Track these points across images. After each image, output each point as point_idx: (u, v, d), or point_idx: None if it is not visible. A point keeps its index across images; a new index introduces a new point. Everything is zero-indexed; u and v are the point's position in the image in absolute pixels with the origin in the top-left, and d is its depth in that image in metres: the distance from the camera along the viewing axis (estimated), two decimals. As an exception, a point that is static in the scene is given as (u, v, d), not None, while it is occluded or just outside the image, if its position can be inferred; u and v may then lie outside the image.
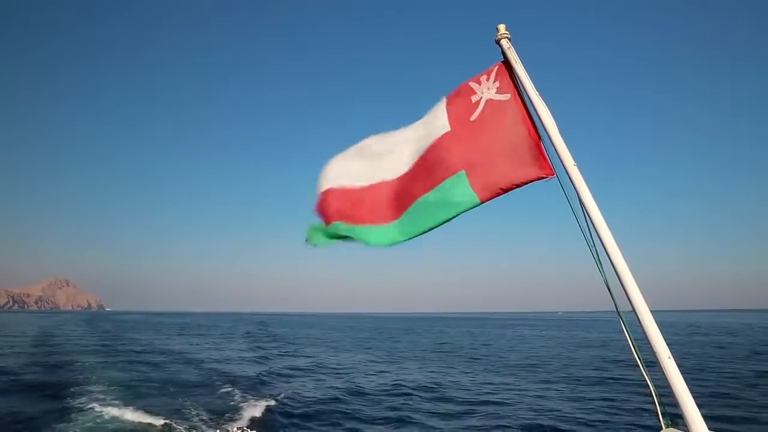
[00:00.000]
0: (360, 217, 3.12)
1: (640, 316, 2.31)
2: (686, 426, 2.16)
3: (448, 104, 3.06)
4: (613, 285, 2.45)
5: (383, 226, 3.06)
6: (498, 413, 13.37)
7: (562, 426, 11.91)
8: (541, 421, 12.47)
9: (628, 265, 2.37)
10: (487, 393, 16.49)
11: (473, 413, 13.47)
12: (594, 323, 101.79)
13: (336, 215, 3.17)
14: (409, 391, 16.78)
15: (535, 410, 13.66)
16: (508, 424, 12.10)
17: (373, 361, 26.86)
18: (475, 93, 2.98)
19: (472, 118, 2.95)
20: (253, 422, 12.01)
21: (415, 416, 13.13)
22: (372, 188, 3.19)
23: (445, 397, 15.82)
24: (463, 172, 2.85)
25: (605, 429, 11.71)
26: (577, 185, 2.53)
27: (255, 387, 17.42)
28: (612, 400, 15.04)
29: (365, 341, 45.48)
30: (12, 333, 54.11)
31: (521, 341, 46.30)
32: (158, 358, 27.84)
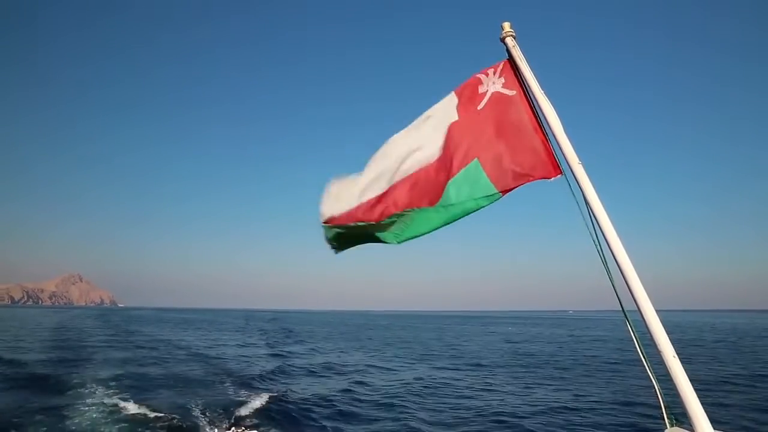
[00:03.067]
0: (369, 216, 3.04)
1: (644, 315, 2.31)
2: (691, 425, 2.16)
3: (456, 94, 3.07)
4: (618, 284, 2.45)
5: (403, 214, 2.99)
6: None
7: (561, 424, 11.85)
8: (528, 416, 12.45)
9: (634, 265, 2.37)
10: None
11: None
12: (586, 322, 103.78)
13: (343, 220, 3.10)
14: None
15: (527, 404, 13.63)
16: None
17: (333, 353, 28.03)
18: (482, 84, 3.00)
19: (479, 107, 2.97)
20: (255, 418, 12.10)
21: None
22: (382, 195, 3.08)
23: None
24: (476, 160, 2.87)
25: (610, 427, 11.63)
26: (582, 184, 2.54)
27: (257, 383, 17.58)
28: (617, 398, 14.96)
29: (341, 336, 48.88)
30: (24, 327, 55.07)
31: (471, 336, 50.90)
32: (165, 353, 28.10)
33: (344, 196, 3.13)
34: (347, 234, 3.15)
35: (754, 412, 12.97)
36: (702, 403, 2.16)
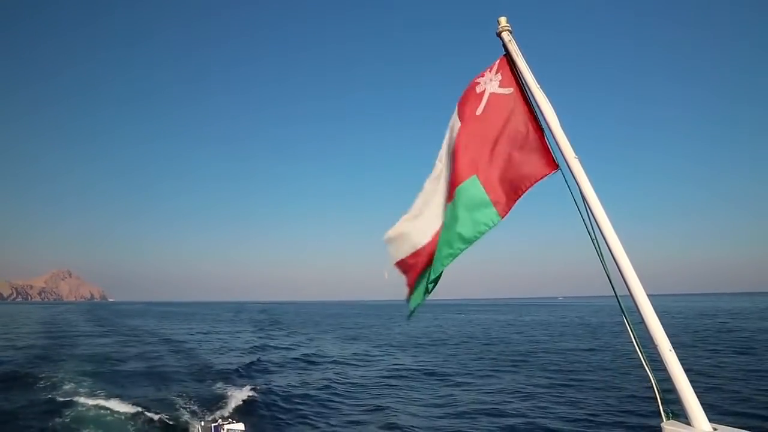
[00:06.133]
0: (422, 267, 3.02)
1: (640, 309, 2.32)
2: (687, 419, 2.17)
3: (458, 105, 3.07)
4: (615, 280, 2.45)
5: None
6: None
7: (558, 421, 11.93)
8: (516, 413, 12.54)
9: (630, 260, 2.37)
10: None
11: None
12: (558, 308, 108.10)
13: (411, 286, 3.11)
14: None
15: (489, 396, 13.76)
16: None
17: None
18: (479, 84, 2.99)
19: (478, 112, 2.95)
20: (239, 410, 12.09)
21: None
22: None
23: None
24: (475, 176, 2.84)
25: (605, 421, 11.71)
26: (578, 178, 2.55)
27: (240, 375, 17.62)
28: (614, 392, 15.11)
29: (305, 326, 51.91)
30: (9, 323, 54.51)
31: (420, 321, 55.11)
32: (150, 346, 27.95)
33: (404, 240, 3.11)
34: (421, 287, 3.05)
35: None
36: (698, 397, 2.18)
